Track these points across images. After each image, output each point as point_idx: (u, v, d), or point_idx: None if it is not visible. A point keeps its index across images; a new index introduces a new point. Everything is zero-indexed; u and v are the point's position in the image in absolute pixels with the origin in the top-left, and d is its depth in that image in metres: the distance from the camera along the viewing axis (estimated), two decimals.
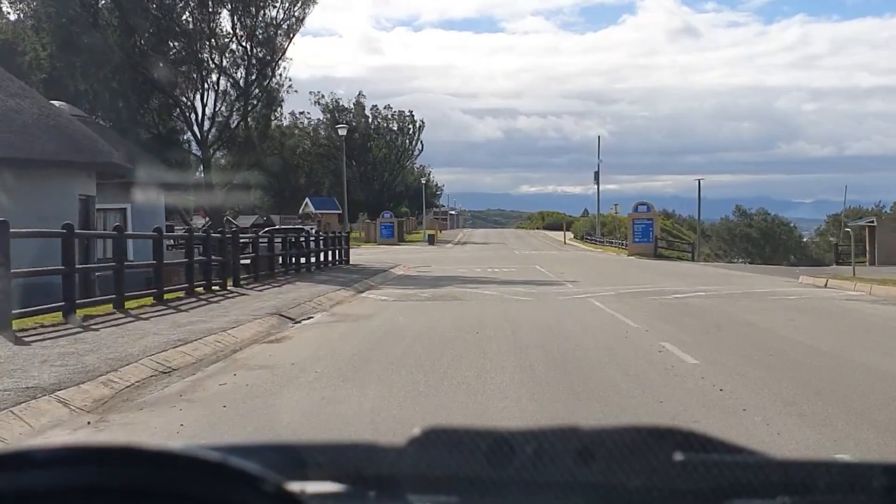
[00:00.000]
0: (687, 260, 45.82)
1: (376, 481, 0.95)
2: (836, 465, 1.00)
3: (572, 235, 74.19)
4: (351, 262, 31.72)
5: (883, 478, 0.97)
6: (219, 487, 0.85)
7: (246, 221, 58.80)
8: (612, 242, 59.84)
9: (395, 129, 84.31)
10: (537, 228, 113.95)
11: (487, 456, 0.95)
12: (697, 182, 54.54)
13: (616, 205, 63.15)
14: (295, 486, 0.90)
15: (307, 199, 65.77)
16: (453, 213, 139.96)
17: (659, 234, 50.05)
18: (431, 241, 67.54)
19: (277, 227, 45.07)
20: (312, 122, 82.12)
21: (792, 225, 60.36)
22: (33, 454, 0.87)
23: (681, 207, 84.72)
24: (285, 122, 42.93)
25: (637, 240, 48.63)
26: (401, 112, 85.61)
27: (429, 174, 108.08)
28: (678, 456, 0.96)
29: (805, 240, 62.28)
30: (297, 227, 44.86)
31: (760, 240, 57.11)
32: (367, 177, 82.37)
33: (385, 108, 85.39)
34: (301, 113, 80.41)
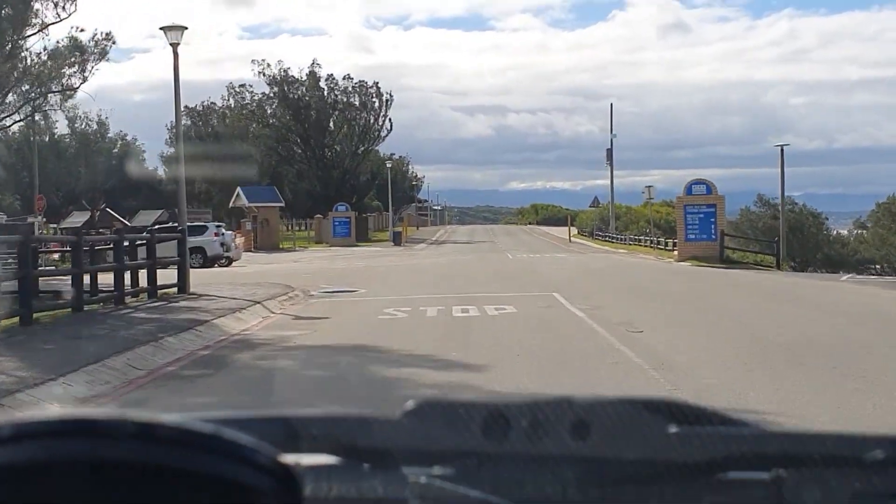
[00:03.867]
0: (769, 266, 36.44)
1: (371, 454, 1.11)
2: (830, 437, 1.17)
3: (576, 231, 73.93)
4: (192, 291, 19.28)
5: (878, 450, 1.15)
6: (212, 460, 1.01)
7: (149, 218, 55.57)
8: (638, 240, 52.44)
9: (357, 104, 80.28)
10: (529, 223, 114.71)
11: (483, 428, 1.11)
12: (780, 150, 42.17)
13: (649, 187, 59.88)
14: (289, 459, 1.05)
15: (239, 190, 59.36)
16: (437, 208, 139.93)
17: (726, 228, 39.30)
18: (397, 240, 63.74)
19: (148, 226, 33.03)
20: (256, 97, 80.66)
21: (824, 216, 60.75)
22: (24, 427, 1.02)
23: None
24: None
25: (692, 237, 37.82)
26: (362, 83, 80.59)
27: (407, 164, 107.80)
28: (673, 428, 1.13)
29: (835, 233, 62.71)
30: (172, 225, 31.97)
31: (788, 234, 57.41)
32: (324, 163, 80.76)
33: (344, 79, 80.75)
34: (242, 86, 79.51)
